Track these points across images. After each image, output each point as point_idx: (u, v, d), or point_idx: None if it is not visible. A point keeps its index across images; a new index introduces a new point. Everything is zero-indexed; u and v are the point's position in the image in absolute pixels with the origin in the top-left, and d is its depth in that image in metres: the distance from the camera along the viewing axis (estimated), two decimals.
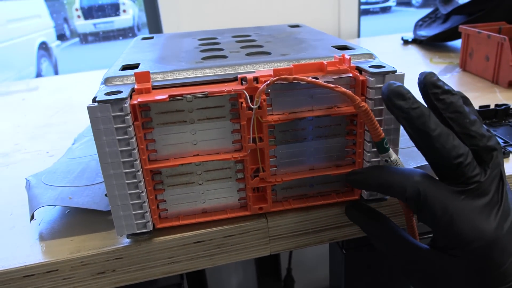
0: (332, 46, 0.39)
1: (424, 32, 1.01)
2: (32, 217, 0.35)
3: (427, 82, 0.28)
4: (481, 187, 0.27)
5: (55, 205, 0.36)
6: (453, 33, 0.89)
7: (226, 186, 0.34)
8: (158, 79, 0.32)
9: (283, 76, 0.30)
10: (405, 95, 0.27)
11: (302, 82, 0.30)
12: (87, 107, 0.28)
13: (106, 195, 0.36)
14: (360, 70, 0.32)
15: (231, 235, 0.35)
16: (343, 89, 0.29)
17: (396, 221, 0.38)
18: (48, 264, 0.32)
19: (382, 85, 0.31)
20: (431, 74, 0.28)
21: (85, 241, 0.34)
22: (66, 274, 0.33)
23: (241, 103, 0.30)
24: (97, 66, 1.11)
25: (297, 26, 0.55)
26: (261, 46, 0.42)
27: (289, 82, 0.31)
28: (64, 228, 0.36)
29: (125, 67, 0.35)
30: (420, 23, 1.08)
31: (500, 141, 0.45)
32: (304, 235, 0.36)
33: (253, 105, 0.30)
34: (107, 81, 0.32)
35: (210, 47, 0.43)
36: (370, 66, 0.32)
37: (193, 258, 0.35)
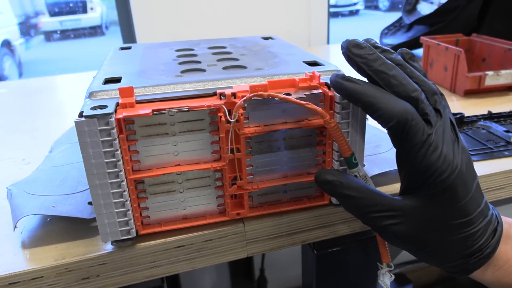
0: (303, 62, 0.42)
1: (390, 40, 1.06)
2: (14, 226, 0.36)
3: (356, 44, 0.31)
4: (441, 124, 0.30)
5: (39, 214, 0.37)
6: (417, 42, 0.94)
7: (206, 194, 0.36)
8: (141, 93, 0.34)
9: (259, 93, 0.32)
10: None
11: (276, 98, 0.33)
12: (74, 121, 0.30)
13: (89, 203, 0.38)
14: (328, 86, 0.35)
15: (210, 240, 0.37)
16: (314, 106, 0.32)
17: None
18: (33, 271, 0.33)
19: (347, 101, 0.34)
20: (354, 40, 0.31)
21: (69, 248, 0.35)
22: (51, 281, 0.34)
23: (220, 117, 0.33)
24: (63, 65, 1.10)
25: (270, 38, 0.57)
26: (236, 60, 0.45)
27: (264, 98, 0.33)
28: (46, 236, 0.37)
29: (107, 80, 0.37)
30: (386, 31, 1.14)
31: None
32: (279, 238, 0.39)
33: (231, 119, 0.32)
34: (91, 95, 0.34)
35: (188, 59, 0.45)
36: None
37: (174, 262, 0.37)
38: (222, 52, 0.49)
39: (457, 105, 0.65)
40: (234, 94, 0.33)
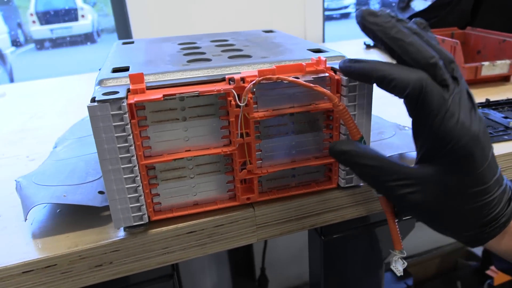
0: (308, 49, 0.42)
1: None
2: (26, 216, 0.36)
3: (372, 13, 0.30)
4: (458, 91, 0.29)
5: (51, 203, 0.38)
6: None
7: (216, 179, 0.37)
8: (151, 80, 0.34)
9: (268, 76, 0.33)
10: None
11: (285, 82, 0.33)
12: (88, 106, 0.30)
13: (99, 192, 0.38)
14: (334, 70, 0.36)
15: (221, 225, 0.37)
16: (322, 89, 0.33)
17: (370, 207, 0.42)
18: (46, 259, 0.34)
19: (355, 83, 0.34)
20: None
21: (81, 236, 0.35)
22: (64, 268, 0.34)
23: (230, 101, 0.33)
24: (55, 73, 1.10)
25: (271, 31, 0.58)
26: (240, 50, 0.45)
27: (272, 82, 0.34)
28: (57, 226, 0.37)
29: (116, 70, 0.37)
30: None
31: None
32: (288, 223, 0.39)
33: (241, 103, 0.33)
34: (101, 82, 0.34)
35: (192, 51, 0.46)
36: None
37: (186, 248, 0.37)
38: (226, 44, 0.50)
39: None
40: (243, 79, 0.33)
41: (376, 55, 1.01)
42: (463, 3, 0.86)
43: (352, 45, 1.15)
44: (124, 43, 0.53)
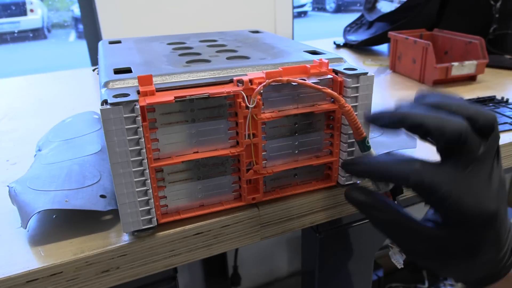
0: (304, 51, 0.43)
1: (354, 37, 1.11)
2: (27, 223, 0.35)
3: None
4: (481, 158, 0.29)
5: (52, 209, 0.36)
6: (380, 38, 1.00)
7: (222, 180, 0.37)
8: (158, 81, 0.34)
9: (278, 78, 0.34)
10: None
11: (293, 83, 0.34)
12: (100, 109, 0.29)
13: (101, 196, 0.37)
14: (336, 72, 0.37)
15: (227, 225, 0.37)
16: (330, 91, 0.34)
17: None
18: (52, 267, 0.32)
19: (357, 84, 0.36)
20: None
21: (85, 242, 0.35)
22: (70, 276, 0.33)
23: (239, 103, 0.33)
24: (5, 72, 1.04)
25: (257, 32, 0.59)
26: (235, 51, 0.45)
27: (277, 84, 0.35)
28: (57, 232, 0.36)
29: (117, 71, 0.36)
30: (348, 29, 1.19)
31: None
32: (289, 221, 0.40)
33: (250, 104, 0.33)
34: (107, 84, 0.33)
35: (186, 51, 0.46)
36: (345, 69, 0.37)
37: (192, 249, 0.37)
38: (216, 44, 0.50)
39: None
40: (251, 81, 0.34)
41: (347, 54, 1.04)
42: (430, 5, 0.90)
43: (322, 44, 1.17)
44: (110, 43, 0.52)
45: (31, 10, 5.19)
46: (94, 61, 1.11)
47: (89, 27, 1.08)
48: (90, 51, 1.11)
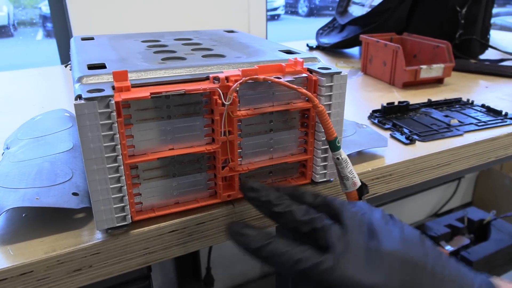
0: (279, 50, 0.44)
1: (326, 40, 1.12)
2: None
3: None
4: (345, 241, 0.28)
5: (21, 207, 0.35)
6: (352, 41, 1.02)
7: (197, 177, 0.37)
8: (133, 77, 0.34)
9: (254, 76, 0.34)
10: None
11: (269, 82, 0.35)
12: (74, 104, 0.29)
13: (73, 193, 0.36)
14: (310, 71, 0.38)
15: (203, 222, 0.37)
16: (305, 90, 0.35)
17: (340, 199, 0.44)
18: (22, 266, 0.32)
19: (331, 83, 0.37)
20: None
21: (57, 240, 0.34)
22: (41, 275, 0.32)
23: (215, 100, 0.34)
24: None
25: (232, 31, 0.59)
26: (210, 49, 0.46)
27: (253, 82, 0.35)
28: (27, 231, 0.35)
29: (91, 67, 0.36)
30: (321, 32, 1.21)
31: (406, 130, 0.54)
32: (265, 218, 0.40)
33: (226, 102, 0.34)
34: (81, 79, 0.33)
35: (161, 49, 0.45)
36: (319, 68, 0.37)
37: (167, 247, 0.37)
38: (192, 43, 0.50)
39: (398, 95, 0.72)
40: (227, 78, 0.34)
41: (320, 56, 1.06)
42: (400, 10, 0.93)
43: (295, 46, 1.18)
44: (83, 39, 0.51)
45: None
46: (64, 60, 1.09)
47: (59, 24, 1.05)
48: (59, 49, 1.08)
